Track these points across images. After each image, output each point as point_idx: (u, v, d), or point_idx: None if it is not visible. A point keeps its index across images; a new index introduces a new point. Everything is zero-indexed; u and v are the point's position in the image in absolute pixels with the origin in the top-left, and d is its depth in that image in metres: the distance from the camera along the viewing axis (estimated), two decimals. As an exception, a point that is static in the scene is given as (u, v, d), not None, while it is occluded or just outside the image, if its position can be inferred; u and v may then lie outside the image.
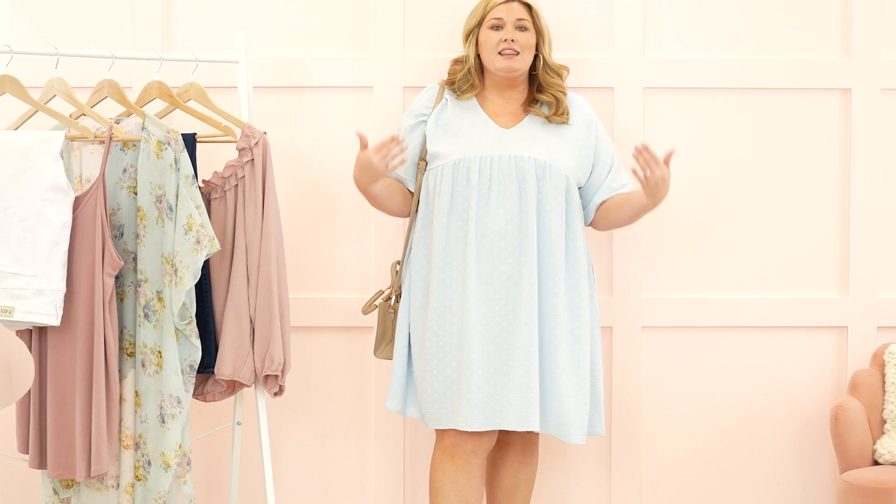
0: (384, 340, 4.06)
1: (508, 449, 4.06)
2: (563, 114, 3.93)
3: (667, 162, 3.77)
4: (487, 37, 3.89)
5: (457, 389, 3.81)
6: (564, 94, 3.96)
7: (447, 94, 3.99)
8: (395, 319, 4.01)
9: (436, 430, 3.89)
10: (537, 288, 3.84)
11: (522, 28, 3.88)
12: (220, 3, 4.39)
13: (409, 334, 3.95)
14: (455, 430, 3.83)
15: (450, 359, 3.83)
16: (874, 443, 4.19)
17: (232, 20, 4.39)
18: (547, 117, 3.93)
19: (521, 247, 3.82)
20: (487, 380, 3.81)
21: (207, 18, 4.39)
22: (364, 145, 3.77)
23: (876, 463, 4.17)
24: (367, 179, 3.84)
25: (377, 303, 4.07)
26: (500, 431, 4.01)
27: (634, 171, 3.78)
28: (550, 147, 3.90)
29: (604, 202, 3.99)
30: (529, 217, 3.83)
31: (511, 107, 3.97)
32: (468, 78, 3.96)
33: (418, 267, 3.94)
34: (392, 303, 4.04)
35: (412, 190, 4.00)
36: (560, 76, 3.96)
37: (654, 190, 3.80)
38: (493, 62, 3.90)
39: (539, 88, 3.97)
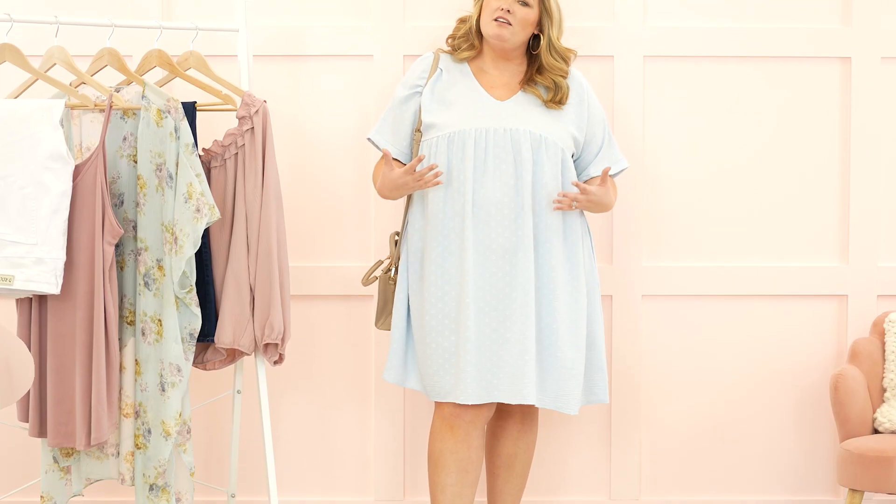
0: (385, 312, 4.06)
1: (508, 418, 4.06)
2: (561, 100, 3.92)
3: (602, 181, 3.84)
4: (489, 2, 3.88)
5: (455, 362, 3.82)
6: (566, 78, 3.94)
7: (442, 64, 3.98)
8: (394, 290, 4.01)
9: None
10: (534, 260, 3.84)
11: (524, 3, 3.86)
12: (219, -29, 4.39)
13: (408, 306, 3.96)
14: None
15: (448, 332, 3.84)
16: (874, 411, 4.20)
17: (231, -12, 4.38)
18: (544, 101, 3.91)
19: (518, 218, 3.82)
20: (484, 352, 3.81)
21: (207, -13, 4.39)
22: (390, 163, 3.80)
23: (876, 431, 4.18)
24: (397, 196, 3.89)
25: (376, 274, 4.07)
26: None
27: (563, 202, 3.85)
28: (545, 120, 3.88)
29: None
30: (525, 189, 3.82)
31: (506, 79, 3.95)
32: (468, 37, 3.95)
33: (416, 238, 3.93)
34: (392, 274, 4.03)
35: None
36: (565, 60, 3.93)
37: (589, 210, 3.89)
38: (486, 26, 3.88)
39: (539, 70, 3.95)
